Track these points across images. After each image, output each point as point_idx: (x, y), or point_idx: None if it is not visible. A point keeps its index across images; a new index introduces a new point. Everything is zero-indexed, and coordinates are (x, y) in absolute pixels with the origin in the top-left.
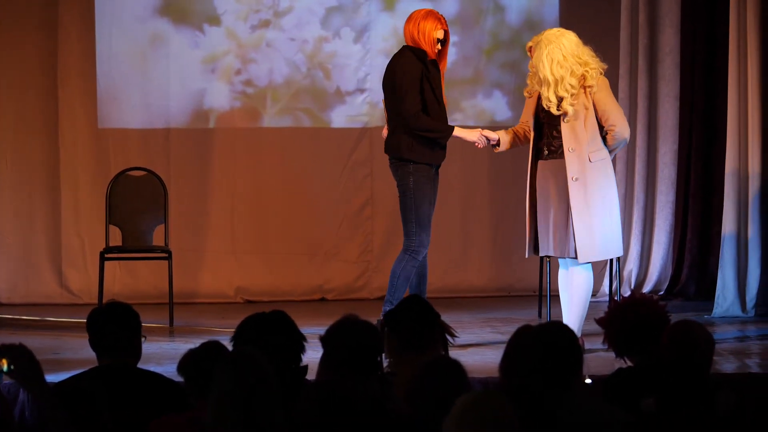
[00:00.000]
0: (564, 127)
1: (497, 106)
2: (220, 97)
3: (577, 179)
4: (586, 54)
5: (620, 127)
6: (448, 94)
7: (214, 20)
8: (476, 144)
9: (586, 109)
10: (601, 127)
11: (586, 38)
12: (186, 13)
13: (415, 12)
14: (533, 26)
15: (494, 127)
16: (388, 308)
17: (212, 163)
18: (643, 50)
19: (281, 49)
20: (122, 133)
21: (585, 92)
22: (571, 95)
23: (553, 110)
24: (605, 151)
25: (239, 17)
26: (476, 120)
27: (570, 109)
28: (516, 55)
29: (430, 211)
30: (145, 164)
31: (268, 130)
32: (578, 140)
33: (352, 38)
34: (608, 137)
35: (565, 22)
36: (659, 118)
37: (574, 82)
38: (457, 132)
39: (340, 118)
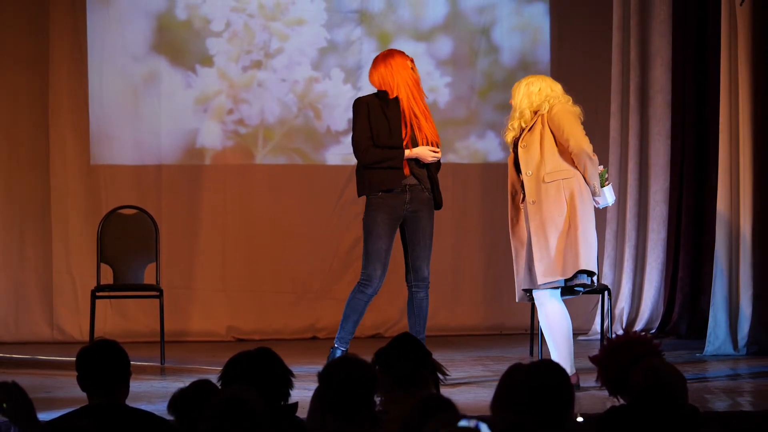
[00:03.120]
0: (521, 153)
1: (490, 146)
2: (212, 137)
3: (534, 202)
4: (565, 98)
5: (575, 141)
6: (442, 134)
7: (207, 61)
8: (426, 160)
9: (541, 135)
10: (561, 150)
11: (577, 76)
12: (179, 53)
13: (378, 56)
14: (527, 67)
15: (487, 167)
16: (336, 338)
17: (203, 200)
18: (634, 88)
19: (272, 90)
20: (114, 170)
21: (540, 118)
22: (521, 123)
23: (508, 138)
24: (566, 172)
25: (231, 58)
26: (470, 160)
27: (509, 138)
28: (510, 96)
29: (379, 244)
30: (137, 201)
31: (259, 168)
32: (533, 163)
33: (342, 78)
34: (573, 157)
35: (557, 61)
36: (651, 155)
37: (527, 114)
38: (408, 154)
39: (333, 157)
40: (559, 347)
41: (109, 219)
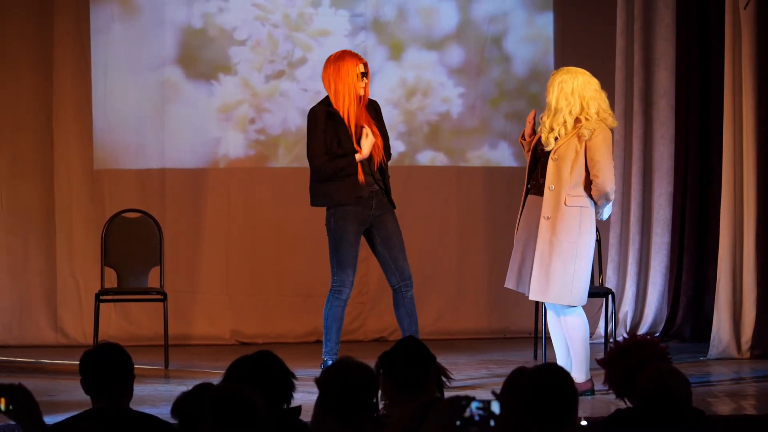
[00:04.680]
0: (550, 165)
1: (503, 156)
2: (228, 145)
3: (548, 218)
4: (595, 103)
5: (602, 179)
6: (454, 144)
7: (226, 69)
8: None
9: (576, 153)
10: (589, 177)
11: None
12: (189, 60)
13: (329, 57)
14: (539, 76)
15: (492, 170)
16: (324, 350)
17: (207, 204)
18: (638, 93)
19: (295, 99)
20: (117, 175)
21: (579, 138)
22: (560, 131)
23: (542, 138)
24: (586, 200)
25: (254, 67)
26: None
27: (552, 143)
28: (522, 105)
29: (350, 251)
30: (141, 205)
31: (263, 171)
32: (560, 181)
33: None
34: (592, 188)
35: (561, 65)
36: (654, 159)
37: (569, 120)
38: (359, 156)
39: None
40: (577, 352)
41: (113, 223)
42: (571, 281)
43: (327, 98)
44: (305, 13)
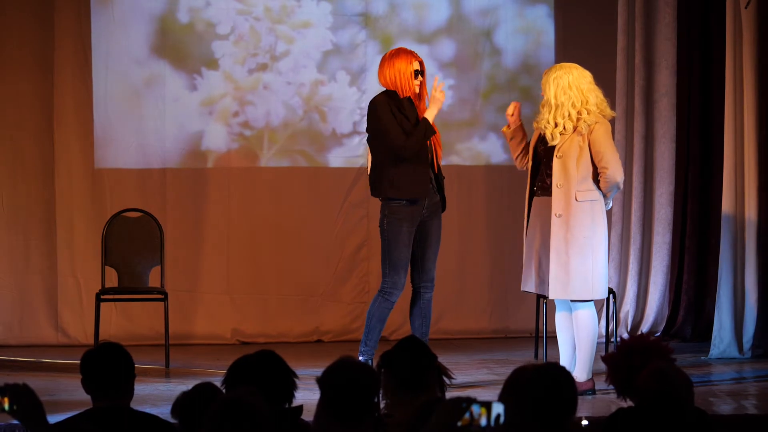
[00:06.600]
0: (555, 163)
1: (493, 149)
2: (217, 139)
3: (560, 216)
4: (593, 94)
5: (612, 170)
6: (445, 137)
7: (212, 64)
8: (442, 101)
9: (580, 148)
10: (596, 170)
11: None
12: (183, 57)
13: (384, 55)
14: (530, 69)
15: (492, 169)
16: (363, 349)
17: (208, 203)
18: (639, 91)
19: (278, 92)
20: (118, 174)
21: (580, 135)
22: (565, 124)
23: (548, 134)
24: (596, 193)
25: (237, 61)
26: (473, 162)
27: (558, 138)
28: (512, 98)
29: (404, 253)
30: (142, 205)
31: (264, 171)
32: (567, 177)
33: (347, 81)
34: (600, 179)
35: None
36: (655, 159)
37: (573, 112)
38: (429, 115)
39: (337, 159)
40: (583, 350)
41: (114, 222)
42: (591, 276)
43: (387, 91)
44: (287, 5)
